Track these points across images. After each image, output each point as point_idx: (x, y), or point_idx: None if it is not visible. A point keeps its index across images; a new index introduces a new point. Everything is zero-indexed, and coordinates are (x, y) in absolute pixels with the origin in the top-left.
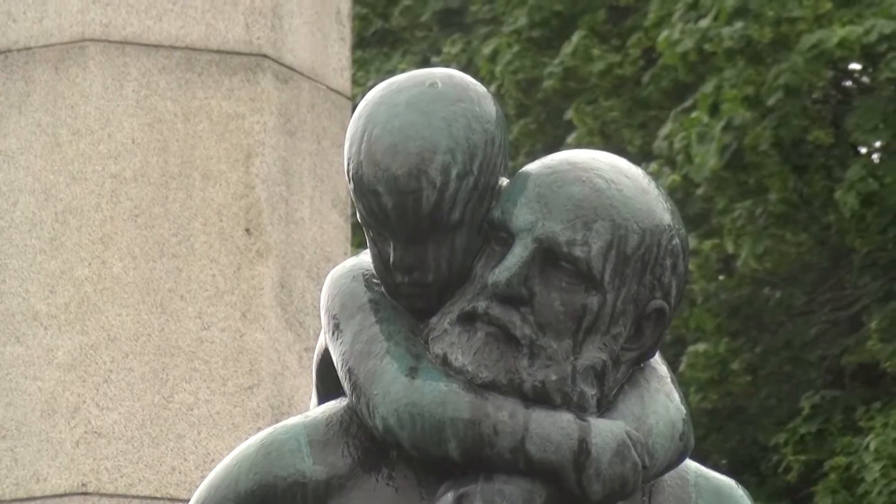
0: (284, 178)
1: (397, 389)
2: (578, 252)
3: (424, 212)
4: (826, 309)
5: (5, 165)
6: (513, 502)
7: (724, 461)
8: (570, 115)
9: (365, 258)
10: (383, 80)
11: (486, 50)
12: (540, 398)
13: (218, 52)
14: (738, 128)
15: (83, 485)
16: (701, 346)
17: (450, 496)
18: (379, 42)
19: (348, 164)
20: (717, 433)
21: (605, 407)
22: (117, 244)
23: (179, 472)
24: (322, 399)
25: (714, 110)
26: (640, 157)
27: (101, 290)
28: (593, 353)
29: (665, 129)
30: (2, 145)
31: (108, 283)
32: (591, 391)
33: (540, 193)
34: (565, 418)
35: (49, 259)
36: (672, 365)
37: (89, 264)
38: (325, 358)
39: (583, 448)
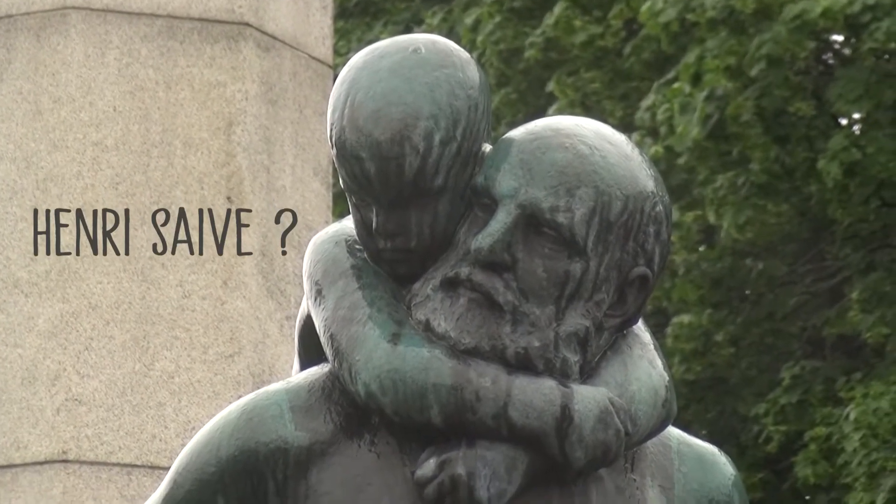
0: (266, 147)
1: (379, 355)
2: (561, 218)
3: (407, 178)
4: (807, 280)
5: None
6: (495, 468)
7: (704, 431)
8: (551, 86)
9: (348, 224)
10: None
11: (468, 20)
12: (522, 365)
13: (200, 20)
14: (720, 98)
15: (64, 452)
16: (685, 318)
17: (432, 462)
18: (361, 12)
19: (331, 130)
20: (697, 404)
21: (587, 373)
22: (98, 211)
23: (160, 440)
24: (304, 365)
25: (696, 80)
26: (622, 128)
27: (83, 257)
28: (576, 320)
29: (647, 101)
30: None
31: (88, 251)
32: (573, 358)
33: (523, 160)
34: (548, 385)
35: (30, 226)
36: (656, 336)
37: (71, 231)
38: (308, 324)
39: (565, 415)
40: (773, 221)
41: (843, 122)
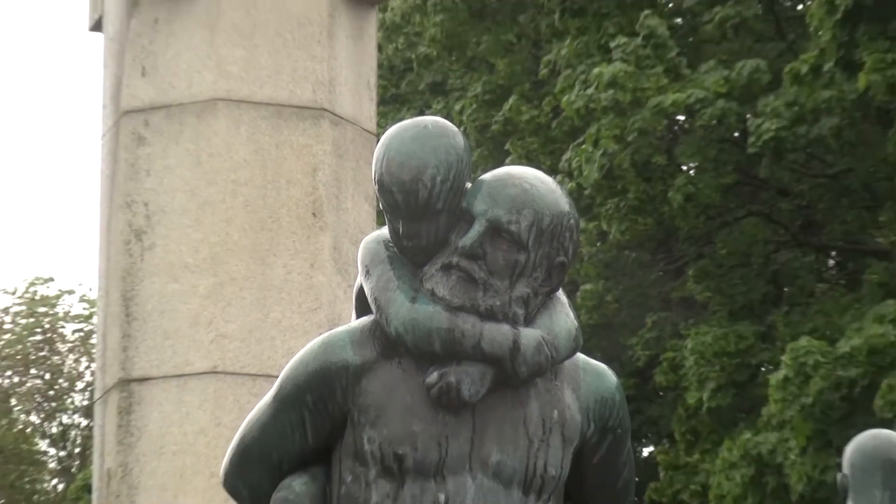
0: (336, 184)
1: (404, 310)
2: (514, 227)
3: (421, 203)
4: (661, 263)
5: (168, 175)
6: (473, 378)
7: (599, 355)
8: (507, 147)
9: (385, 231)
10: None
11: (457, 106)
12: (489, 316)
13: (296, 107)
14: (610, 154)
15: (215, 367)
16: (588, 286)
17: (435, 374)
18: (393, 101)
19: (374, 175)
20: (596, 338)
21: (528, 321)
22: (235, 223)
23: (272, 360)
24: (359, 315)
25: (596, 143)
26: (549, 172)
27: (226, 250)
28: (522, 289)
29: (566, 156)
30: (165, 162)
31: (229, 246)
32: (520, 312)
33: (490, 192)
34: (505, 328)
35: (194, 231)
36: (570, 297)
37: (218, 234)
38: (361, 291)
39: (516, 346)
40: (641, 228)
41: (684, 168)
